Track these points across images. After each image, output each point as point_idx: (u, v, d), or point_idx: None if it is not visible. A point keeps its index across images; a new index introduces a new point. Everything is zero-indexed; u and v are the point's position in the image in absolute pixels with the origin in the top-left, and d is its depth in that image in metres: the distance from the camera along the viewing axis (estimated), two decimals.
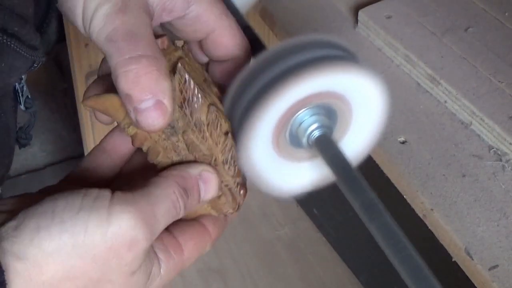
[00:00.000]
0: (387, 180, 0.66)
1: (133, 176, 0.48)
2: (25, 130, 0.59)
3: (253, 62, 0.43)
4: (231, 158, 0.44)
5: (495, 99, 0.68)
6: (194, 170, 0.44)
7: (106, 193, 0.40)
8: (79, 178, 0.46)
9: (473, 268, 0.58)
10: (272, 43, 0.89)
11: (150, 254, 0.42)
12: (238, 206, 0.47)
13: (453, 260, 0.61)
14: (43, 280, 0.38)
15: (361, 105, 0.45)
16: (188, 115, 0.43)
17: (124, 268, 0.40)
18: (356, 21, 0.78)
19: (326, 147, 0.44)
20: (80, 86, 1.17)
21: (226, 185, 0.46)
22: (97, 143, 0.49)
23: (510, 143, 0.64)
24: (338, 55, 0.44)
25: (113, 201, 0.39)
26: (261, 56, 0.43)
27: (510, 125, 0.65)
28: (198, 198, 0.44)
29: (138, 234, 0.39)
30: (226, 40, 0.47)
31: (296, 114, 0.43)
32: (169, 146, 0.44)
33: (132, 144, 0.44)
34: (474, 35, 0.75)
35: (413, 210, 0.64)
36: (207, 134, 0.43)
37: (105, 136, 0.49)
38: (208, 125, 0.43)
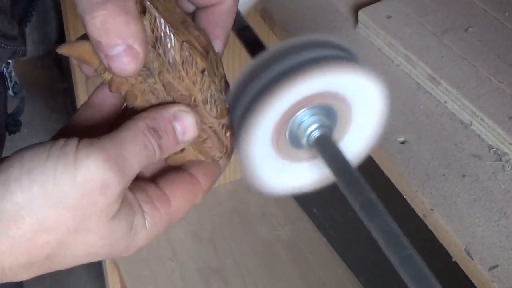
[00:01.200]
0: (387, 180, 0.66)
1: None
2: (13, 116, 0.59)
3: (253, 62, 0.43)
4: (211, 97, 0.43)
5: (495, 99, 0.68)
6: (167, 110, 0.43)
7: (73, 140, 0.39)
8: (68, 136, 0.46)
9: (473, 268, 0.58)
10: (272, 43, 0.89)
11: (132, 203, 0.41)
12: (226, 149, 0.45)
13: (453, 260, 0.61)
14: (19, 235, 0.38)
15: (361, 105, 0.45)
16: (162, 55, 0.42)
17: (100, 214, 0.39)
18: (356, 21, 0.78)
19: (326, 147, 0.44)
20: (80, 86, 1.17)
21: (211, 127, 0.44)
22: None
23: (510, 143, 0.64)
24: (338, 55, 0.44)
25: (79, 146, 0.39)
26: (261, 56, 0.43)
27: (510, 125, 0.65)
28: (174, 138, 0.43)
29: (108, 176, 0.38)
30: None
31: (296, 114, 0.43)
32: (146, 89, 0.43)
33: (110, 90, 0.43)
34: (474, 35, 0.75)
35: (413, 210, 0.64)
36: (183, 73, 0.42)
37: (93, 91, 0.47)
38: (182, 63, 0.42)
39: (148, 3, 0.41)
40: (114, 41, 0.39)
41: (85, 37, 0.43)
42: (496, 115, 0.66)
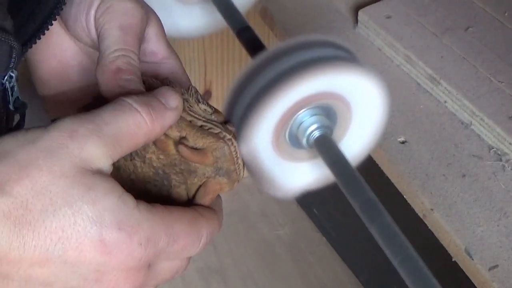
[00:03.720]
0: (387, 180, 0.66)
1: None
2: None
3: (252, 62, 0.43)
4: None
5: (495, 99, 0.68)
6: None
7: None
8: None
9: (473, 268, 0.58)
10: (272, 43, 0.89)
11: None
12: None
13: (453, 260, 0.61)
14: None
15: (361, 105, 0.45)
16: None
17: (73, 159, 0.37)
18: (356, 21, 0.78)
19: (326, 148, 0.44)
20: None
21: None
22: None
23: (510, 143, 0.64)
24: (338, 55, 0.44)
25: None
26: (261, 57, 0.43)
27: (510, 125, 0.65)
28: (160, 103, 0.41)
29: (78, 126, 0.37)
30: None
31: (296, 115, 0.43)
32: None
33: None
34: (474, 35, 0.75)
35: (413, 210, 0.64)
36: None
37: None
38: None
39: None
40: None
41: None
42: (496, 115, 0.66)
